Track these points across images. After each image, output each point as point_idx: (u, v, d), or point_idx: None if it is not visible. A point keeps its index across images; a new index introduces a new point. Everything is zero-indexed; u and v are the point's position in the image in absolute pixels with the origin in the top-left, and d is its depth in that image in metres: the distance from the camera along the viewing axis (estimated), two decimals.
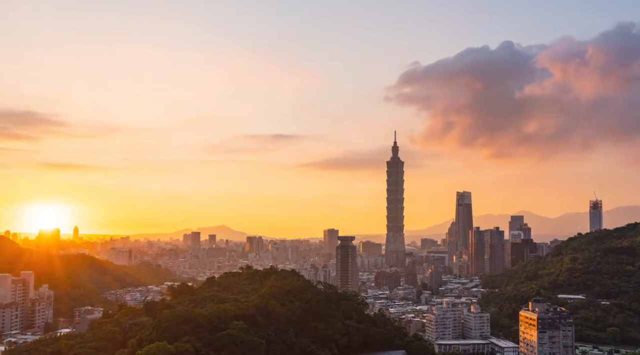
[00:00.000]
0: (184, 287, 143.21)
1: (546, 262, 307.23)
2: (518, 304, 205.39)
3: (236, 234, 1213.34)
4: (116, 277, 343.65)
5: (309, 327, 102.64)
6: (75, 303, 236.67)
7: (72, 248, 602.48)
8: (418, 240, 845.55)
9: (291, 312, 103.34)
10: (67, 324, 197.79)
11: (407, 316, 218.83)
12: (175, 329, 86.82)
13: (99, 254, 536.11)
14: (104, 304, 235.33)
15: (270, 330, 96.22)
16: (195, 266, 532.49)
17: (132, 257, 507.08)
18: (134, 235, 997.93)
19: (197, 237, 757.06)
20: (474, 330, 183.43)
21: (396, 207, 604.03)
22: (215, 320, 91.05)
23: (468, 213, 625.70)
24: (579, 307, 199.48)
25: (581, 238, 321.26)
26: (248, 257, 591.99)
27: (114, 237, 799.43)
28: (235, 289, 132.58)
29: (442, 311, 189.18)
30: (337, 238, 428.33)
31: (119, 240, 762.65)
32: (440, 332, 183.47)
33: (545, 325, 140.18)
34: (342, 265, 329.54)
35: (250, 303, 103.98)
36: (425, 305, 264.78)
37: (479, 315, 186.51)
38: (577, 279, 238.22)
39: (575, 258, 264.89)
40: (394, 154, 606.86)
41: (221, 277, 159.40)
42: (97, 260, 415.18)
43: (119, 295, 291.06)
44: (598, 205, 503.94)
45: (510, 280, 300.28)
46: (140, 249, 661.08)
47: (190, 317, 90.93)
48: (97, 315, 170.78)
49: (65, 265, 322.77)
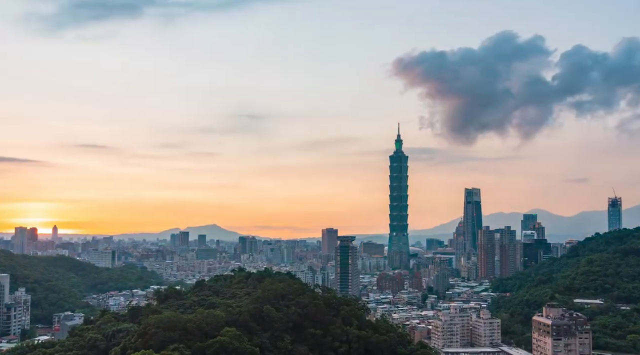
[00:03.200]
0: (172, 291, 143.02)
1: (561, 264, 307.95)
2: (531, 309, 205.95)
3: (228, 234, 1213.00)
4: (98, 280, 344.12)
5: (306, 334, 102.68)
6: (54, 308, 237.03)
7: (51, 249, 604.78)
8: (423, 241, 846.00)
9: (287, 318, 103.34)
10: (45, 331, 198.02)
11: (411, 322, 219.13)
12: (162, 336, 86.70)
13: (79, 255, 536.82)
14: (85, 309, 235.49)
15: (264, 337, 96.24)
16: (184, 268, 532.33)
17: (115, 258, 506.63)
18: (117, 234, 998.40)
19: (185, 237, 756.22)
20: (484, 338, 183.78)
21: (400, 204, 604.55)
22: (205, 326, 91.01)
23: (477, 211, 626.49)
24: (596, 312, 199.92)
25: (599, 238, 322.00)
26: (240, 259, 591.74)
27: (96, 237, 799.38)
28: (226, 293, 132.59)
29: (449, 317, 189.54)
30: (336, 238, 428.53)
31: (102, 240, 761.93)
32: (447, 339, 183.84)
33: (560, 332, 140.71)
34: (342, 267, 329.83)
35: (243, 308, 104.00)
36: (431, 311, 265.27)
37: (489, 321, 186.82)
38: (594, 283, 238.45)
39: (592, 260, 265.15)
40: (398, 147, 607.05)
41: (211, 281, 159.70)
42: (77, 261, 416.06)
43: (101, 300, 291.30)
44: (617, 202, 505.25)
45: (522, 283, 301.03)
46: (125, 250, 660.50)
47: (178, 324, 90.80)
48: (77, 321, 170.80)
49: (44, 268, 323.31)
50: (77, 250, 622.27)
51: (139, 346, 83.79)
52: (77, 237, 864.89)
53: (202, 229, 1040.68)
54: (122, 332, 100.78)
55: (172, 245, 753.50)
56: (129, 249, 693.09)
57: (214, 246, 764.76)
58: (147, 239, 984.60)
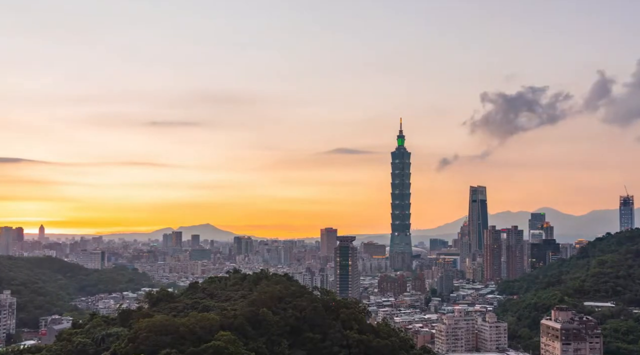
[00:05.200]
0: (164, 293, 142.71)
1: (570, 265, 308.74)
2: (539, 312, 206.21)
3: (222, 234, 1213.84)
4: (87, 282, 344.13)
5: (304, 339, 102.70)
6: (41, 311, 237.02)
7: (38, 249, 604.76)
8: (426, 241, 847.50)
9: (284, 322, 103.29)
10: (31, 335, 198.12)
11: (414, 326, 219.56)
12: (154, 341, 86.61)
13: (67, 256, 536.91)
14: (73, 313, 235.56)
15: (260, 341, 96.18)
16: (176, 270, 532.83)
17: (105, 259, 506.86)
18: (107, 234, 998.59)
19: (178, 237, 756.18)
20: (490, 342, 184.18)
21: (402, 203, 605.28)
22: (198, 330, 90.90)
23: (483, 210, 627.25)
24: (607, 316, 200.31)
25: (610, 238, 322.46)
26: (236, 260, 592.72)
27: (85, 237, 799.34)
28: (221, 295, 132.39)
29: (453, 320, 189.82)
30: (336, 238, 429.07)
31: (91, 240, 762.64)
32: (452, 343, 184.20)
33: (569, 336, 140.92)
34: (341, 268, 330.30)
35: (238, 311, 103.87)
36: (434, 314, 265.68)
37: (495, 325, 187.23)
38: (605, 285, 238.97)
39: (603, 261, 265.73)
40: (400, 143, 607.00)
41: (205, 282, 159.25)
42: (65, 263, 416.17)
43: (90, 303, 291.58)
44: (629, 201, 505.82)
45: (530, 285, 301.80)
46: (115, 251, 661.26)
47: (170, 328, 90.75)
48: (65, 325, 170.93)
49: (30, 269, 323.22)
50: (65, 250, 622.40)
51: (129, 351, 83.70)
52: (64, 238, 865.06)
53: (196, 229, 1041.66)
54: (112, 336, 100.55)
55: (164, 246, 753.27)
56: (119, 250, 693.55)
57: (208, 246, 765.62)
58: (138, 239, 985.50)
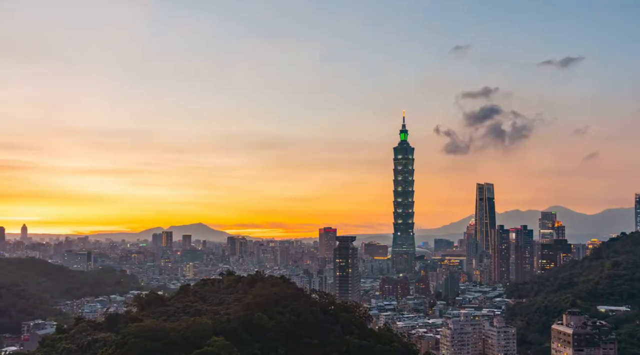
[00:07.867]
0: (153, 296, 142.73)
1: (583, 267, 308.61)
2: (549, 316, 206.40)
3: (215, 234, 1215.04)
4: (72, 285, 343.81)
5: (302, 344, 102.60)
6: (23, 316, 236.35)
7: (20, 250, 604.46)
8: (431, 241, 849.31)
9: (280, 326, 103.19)
10: (13, 341, 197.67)
11: (417, 331, 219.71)
12: (143, 347, 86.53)
13: (51, 257, 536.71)
14: (58, 317, 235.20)
15: (255, 347, 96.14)
16: (167, 272, 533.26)
17: (91, 260, 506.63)
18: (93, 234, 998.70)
19: (168, 237, 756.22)
20: (497, 348, 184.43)
21: (405, 201, 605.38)
22: (190, 336, 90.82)
23: (490, 209, 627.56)
24: (622, 320, 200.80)
25: (625, 238, 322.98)
26: (229, 261, 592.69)
27: (70, 237, 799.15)
28: (214, 299, 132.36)
29: (459, 325, 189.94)
30: (335, 238, 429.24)
31: (76, 240, 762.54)
32: (457, 349, 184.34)
33: (582, 342, 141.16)
34: (341, 270, 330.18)
35: (232, 316, 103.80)
36: (439, 318, 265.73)
37: (503, 330, 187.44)
38: (620, 288, 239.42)
39: (617, 262, 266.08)
40: (403, 138, 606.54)
41: (197, 285, 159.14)
42: (49, 264, 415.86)
43: (76, 307, 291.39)
44: None
45: (540, 288, 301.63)
46: (101, 251, 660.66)
47: (160, 333, 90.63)
48: (49, 330, 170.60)
49: (12, 271, 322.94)
50: (49, 251, 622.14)
51: None
52: (48, 238, 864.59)
53: (187, 229, 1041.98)
54: (98, 342, 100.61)
55: (153, 246, 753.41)
56: (106, 251, 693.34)
57: (200, 247, 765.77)
58: (127, 239, 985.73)
